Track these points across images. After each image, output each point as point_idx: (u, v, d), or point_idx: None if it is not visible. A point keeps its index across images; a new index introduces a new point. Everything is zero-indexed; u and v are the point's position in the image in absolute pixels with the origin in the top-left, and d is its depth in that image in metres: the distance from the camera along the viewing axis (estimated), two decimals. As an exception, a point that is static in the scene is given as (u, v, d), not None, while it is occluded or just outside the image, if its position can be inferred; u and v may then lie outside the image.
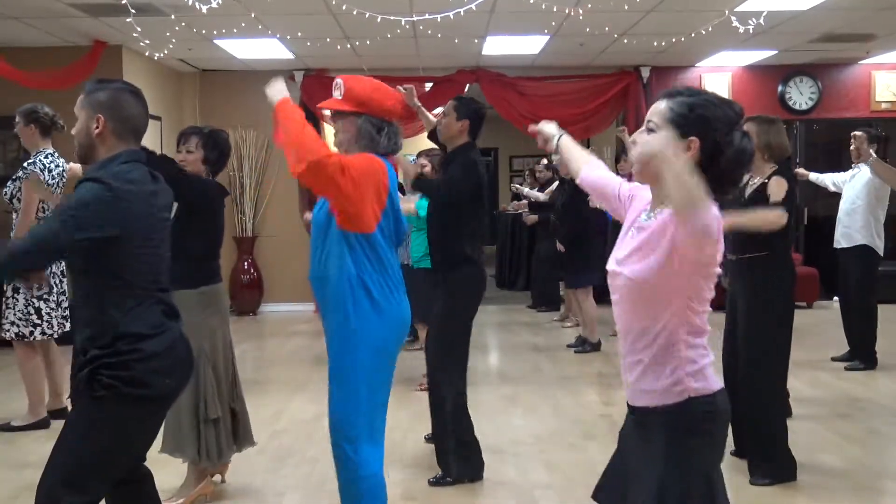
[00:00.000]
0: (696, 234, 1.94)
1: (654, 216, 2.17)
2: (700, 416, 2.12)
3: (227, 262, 10.43)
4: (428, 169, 5.95)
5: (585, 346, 7.68)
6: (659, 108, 2.16)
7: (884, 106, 10.84)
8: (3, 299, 5.32)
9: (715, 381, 2.16)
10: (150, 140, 9.00)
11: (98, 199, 2.49)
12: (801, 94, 10.82)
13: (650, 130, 2.16)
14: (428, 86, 10.34)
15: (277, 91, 3.05)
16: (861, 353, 6.87)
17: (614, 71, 10.56)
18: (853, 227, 6.75)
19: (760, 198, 4.34)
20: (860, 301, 6.80)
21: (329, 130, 10.75)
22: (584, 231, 7.74)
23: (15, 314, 5.26)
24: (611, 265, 2.24)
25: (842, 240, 6.86)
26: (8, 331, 5.30)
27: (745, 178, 4.47)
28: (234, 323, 9.88)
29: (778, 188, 4.29)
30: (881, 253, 6.81)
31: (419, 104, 4.77)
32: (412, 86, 4.86)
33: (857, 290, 6.80)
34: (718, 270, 2.13)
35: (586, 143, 11.63)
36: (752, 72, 10.74)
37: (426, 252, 5.37)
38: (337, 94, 3.14)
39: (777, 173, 4.35)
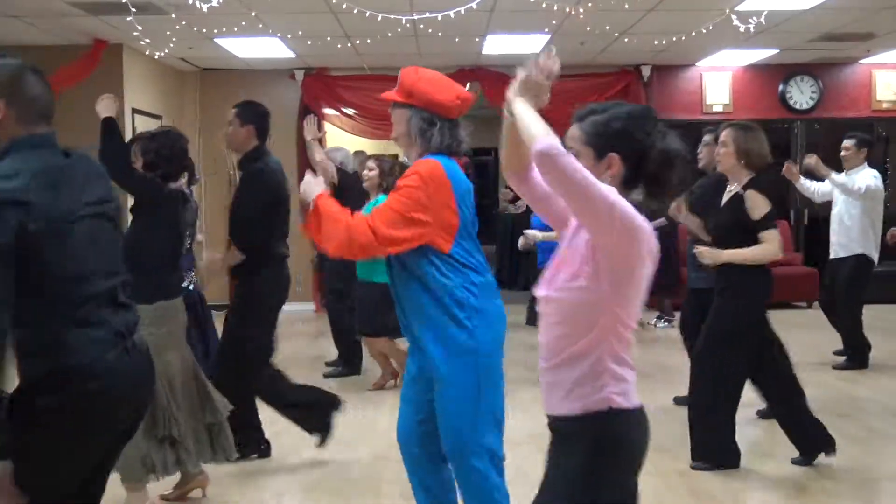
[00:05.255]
0: (539, 163, 1.97)
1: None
2: (619, 431, 2.09)
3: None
4: (375, 173, 5.98)
5: None
6: (574, 134, 2.17)
7: (884, 105, 10.84)
8: None
9: (635, 400, 2.12)
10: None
11: None
12: (801, 94, 10.81)
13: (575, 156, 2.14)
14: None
15: (313, 190, 2.94)
16: (851, 355, 6.85)
17: (615, 70, 10.56)
18: (849, 235, 6.69)
19: (737, 206, 4.33)
20: (848, 307, 6.77)
21: (329, 129, 10.77)
22: None
23: None
24: (539, 288, 2.19)
25: (839, 250, 6.81)
26: None
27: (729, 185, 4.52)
28: (235, 322, 9.88)
29: (756, 204, 4.26)
30: (875, 260, 6.76)
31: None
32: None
33: (846, 296, 6.76)
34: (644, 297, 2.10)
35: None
36: (752, 71, 10.73)
37: (371, 265, 5.70)
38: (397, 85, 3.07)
39: (752, 185, 4.31)
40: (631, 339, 2.13)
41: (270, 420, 5.53)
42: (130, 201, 4.01)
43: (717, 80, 10.78)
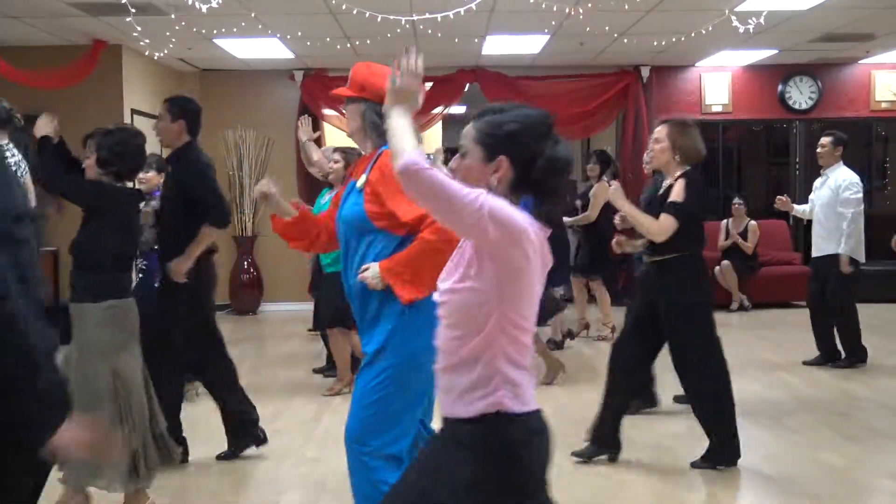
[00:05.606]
0: (402, 180, 2.01)
1: None
2: (510, 437, 2.05)
3: (227, 262, 10.43)
4: (340, 165, 5.85)
5: (549, 344, 7.72)
6: (467, 131, 2.15)
7: (883, 105, 10.85)
8: None
9: (531, 404, 2.09)
10: (151, 140, 8.99)
11: None
12: (801, 94, 10.82)
13: (463, 155, 2.14)
14: (428, 85, 10.35)
15: (374, 275, 2.86)
16: (849, 352, 6.84)
17: (614, 70, 10.57)
18: (827, 235, 6.71)
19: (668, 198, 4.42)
20: (839, 306, 6.77)
21: (329, 129, 10.77)
22: (551, 232, 7.66)
23: None
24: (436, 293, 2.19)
25: (816, 251, 6.83)
26: None
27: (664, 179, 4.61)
28: (234, 322, 9.91)
29: (677, 192, 4.35)
30: (861, 258, 6.73)
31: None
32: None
33: (836, 299, 6.76)
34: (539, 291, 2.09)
35: (587, 143, 11.64)
36: (752, 71, 10.74)
37: (337, 256, 5.47)
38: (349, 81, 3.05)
39: (684, 176, 4.41)
40: (527, 343, 2.11)
41: (270, 419, 5.54)
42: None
43: (716, 81, 10.78)
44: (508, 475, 2.04)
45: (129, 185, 4.02)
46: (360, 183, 2.97)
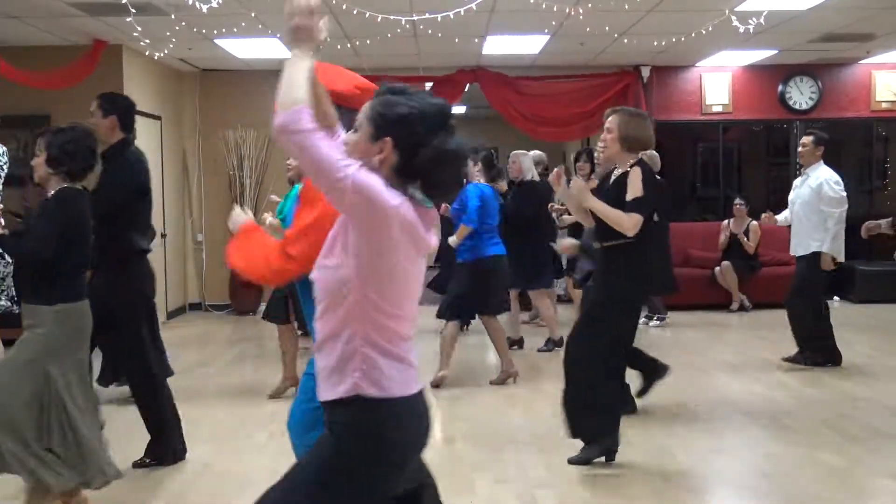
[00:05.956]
0: (277, 136, 2.00)
1: None
2: (368, 422, 2.04)
3: (227, 262, 10.42)
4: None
5: (548, 344, 7.70)
6: (364, 107, 2.14)
7: (884, 105, 10.85)
8: None
9: (397, 391, 2.05)
10: (151, 140, 9.00)
11: None
12: (801, 94, 10.82)
13: (355, 130, 2.12)
14: (428, 86, 10.35)
15: (239, 221, 2.82)
16: (825, 352, 6.83)
17: (614, 70, 10.57)
18: (806, 233, 6.72)
19: (622, 186, 4.42)
20: (805, 303, 6.77)
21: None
22: (534, 234, 7.61)
23: None
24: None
25: (798, 248, 6.84)
26: None
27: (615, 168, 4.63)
28: (234, 322, 9.90)
29: (634, 184, 4.36)
30: (841, 257, 6.72)
31: None
32: None
33: (803, 293, 6.76)
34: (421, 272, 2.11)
35: (586, 143, 11.63)
36: (752, 71, 10.74)
37: None
38: None
39: (637, 166, 4.44)
40: (398, 330, 2.08)
41: (269, 419, 5.53)
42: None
43: (716, 81, 10.78)
44: (365, 459, 2.03)
45: (80, 185, 3.83)
46: (299, 190, 2.91)
